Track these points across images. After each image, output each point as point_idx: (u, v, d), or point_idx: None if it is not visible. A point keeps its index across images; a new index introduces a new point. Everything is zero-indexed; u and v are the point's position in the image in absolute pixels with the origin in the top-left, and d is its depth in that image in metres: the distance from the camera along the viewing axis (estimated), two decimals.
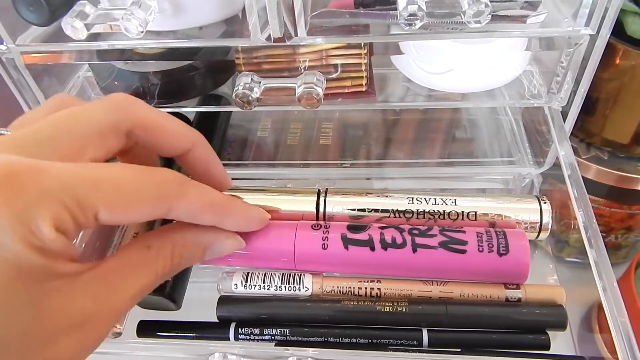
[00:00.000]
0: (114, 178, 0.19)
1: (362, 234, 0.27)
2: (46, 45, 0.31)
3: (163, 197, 0.20)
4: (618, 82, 0.38)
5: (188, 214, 0.21)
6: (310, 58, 0.31)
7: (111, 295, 0.19)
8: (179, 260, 0.22)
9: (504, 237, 0.27)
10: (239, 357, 0.26)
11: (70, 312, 0.18)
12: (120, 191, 0.18)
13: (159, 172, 0.20)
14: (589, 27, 0.28)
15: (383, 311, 0.26)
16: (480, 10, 0.25)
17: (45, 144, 0.19)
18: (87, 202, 0.17)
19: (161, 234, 0.22)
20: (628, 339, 0.25)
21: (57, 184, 0.17)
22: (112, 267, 0.20)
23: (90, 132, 0.20)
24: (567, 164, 0.33)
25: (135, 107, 0.22)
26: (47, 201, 0.17)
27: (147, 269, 0.21)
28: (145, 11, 0.27)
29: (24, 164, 0.17)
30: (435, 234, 0.27)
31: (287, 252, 0.27)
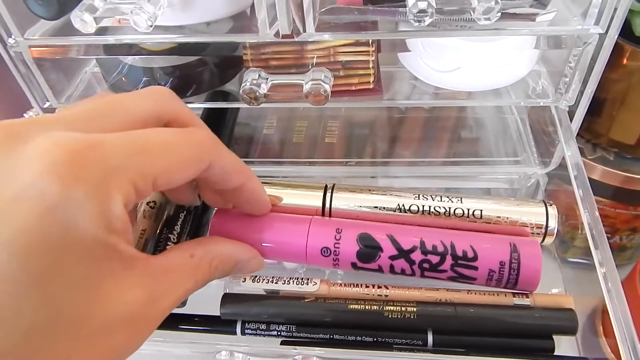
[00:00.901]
0: (163, 142, 0.19)
1: (372, 264, 0.27)
2: (54, 39, 0.31)
3: (205, 154, 0.20)
4: (625, 82, 0.38)
5: (222, 172, 0.22)
6: (318, 55, 0.31)
7: (161, 294, 0.19)
8: (214, 271, 0.23)
9: (516, 275, 0.26)
10: (246, 355, 0.26)
11: (127, 301, 0.17)
12: (173, 154, 0.19)
13: (194, 132, 0.21)
14: (599, 26, 0.28)
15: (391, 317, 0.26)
16: (490, 7, 0.25)
17: (94, 122, 0.19)
18: (148, 171, 0.18)
19: (203, 245, 0.23)
20: (632, 341, 0.25)
21: (120, 157, 0.17)
22: (162, 266, 0.20)
23: (135, 117, 0.20)
24: (573, 164, 0.33)
25: (176, 101, 0.22)
26: (115, 177, 0.17)
27: (190, 276, 0.21)
28: (155, 5, 0.27)
29: (85, 139, 0.17)
30: (446, 269, 0.27)
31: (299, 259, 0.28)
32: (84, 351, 0.16)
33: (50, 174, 0.15)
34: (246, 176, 0.24)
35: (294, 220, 0.28)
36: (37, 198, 0.15)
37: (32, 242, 0.15)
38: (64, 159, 0.16)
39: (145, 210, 0.28)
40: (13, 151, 0.16)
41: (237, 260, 0.24)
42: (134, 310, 0.18)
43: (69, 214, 0.16)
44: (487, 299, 0.27)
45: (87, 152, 0.16)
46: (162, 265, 0.20)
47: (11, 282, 0.15)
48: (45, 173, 0.15)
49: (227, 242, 0.24)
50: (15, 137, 0.17)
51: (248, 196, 0.25)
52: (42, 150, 0.16)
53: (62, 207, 0.15)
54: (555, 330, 0.26)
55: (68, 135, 0.17)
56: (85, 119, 0.19)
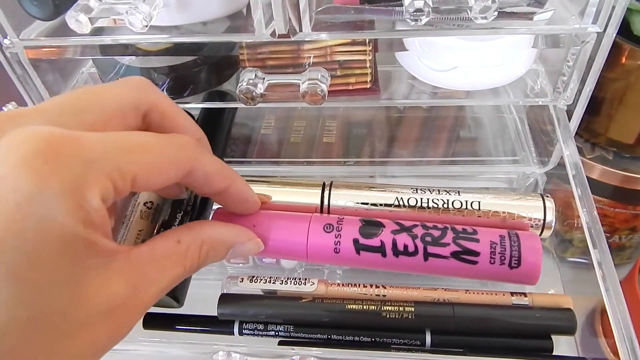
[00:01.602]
0: (143, 143, 0.19)
1: (374, 240, 0.27)
2: (50, 39, 0.31)
3: (186, 158, 0.20)
4: (624, 82, 0.38)
5: (204, 177, 0.22)
6: (314, 54, 0.31)
7: (144, 284, 0.19)
8: (205, 257, 0.22)
9: (517, 249, 0.26)
10: (243, 356, 0.26)
11: (106, 295, 0.17)
12: (152, 155, 0.19)
13: (176, 136, 0.21)
14: (597, 25, 0.28)
15: (389, 317, 0.26)
16: (487, 6, 0.25)
17: (70, 115, 0.19)
18: (127, 169, 0.18)
19: (190, 230, 0.22)
20: (630, 341, 0.25)
21: (99, 152, 0.17)
22: (145, 256, 0.19)
23: (113, 108, 0.20)
24: (571, 163, 0.33)
25: (154, 90, 0.22)
26: (93, 171, 0.16)
27: (177, 263, 0.21)
28: (150, 5, 0.27)
29: (62, 133, 0.17)
30: (449, 242, 0.26)
31: (300, 253, 0.27)
32: (65, 346, 0.16)
33: (24, 166, 0.15)
34: (230, 179, 0.23)
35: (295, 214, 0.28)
36: (12, 191, 0.15)
37: (7, 236, 0.15)
38: (40, 151, 0.16)
39: (142, 211, 0.28)
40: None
41: (231, 243, 0.24)
42: (115, 303, 0.17)
43: (45, 207, 0.15)
44: (486, 298, 0.27)
45: (64, 144, 0.16)
46: (144, 255, 0.19)
47: None
48: (20, 165, 0.15)
49: (219, 225, 0.24)
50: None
51: (234, 198, 0.25)
52: (17, 142, 0.16)
53: (37, 201, 0.15)
54: (554, 330, 0.26)
55: (45, 128, 0.16)
56: (61, 111, 0.19)
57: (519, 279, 0.26)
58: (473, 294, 0.27)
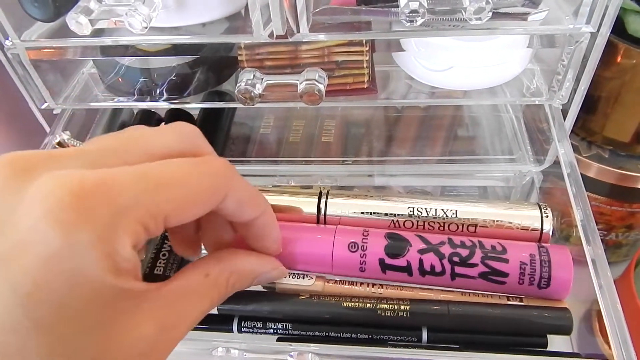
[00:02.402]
0: (176, 177, 0.18)
1: (400, 260, 0.27)
2: (51, 40, 0.32)
3: (220, 188, 0.20)
4: (619, 80, 0.38)
5: (235, 205, 0.21)
6: (312, 55, 0.31)
7: (174, 322, 0.19)
8: (231, 288, 0.22)
9: (547, 269, 0.26)
10: (242, 352, 0.27)
11: (138, 338, 0.17)
12: (185, 190, 0.18)
13: (209, 162, 0.20)
14: (590, 25, 0.29)
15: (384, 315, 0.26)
16: (481, 7, 0.25)
17: (111, 158, 0.18)
18: (158, 210, 0.17)
19: (218, 262, 0.22)
20: (624, 337, 0.25)
21: (128, 196, 0.16)
22: (174, 293, 0.19)
23: (156, 152, 0.19)
24: (566, 162, 0.33)
25: (200, 139, 0.21)
26: (123, 218, 0.16)
27: (205, 297, 0.20)
28: (149, 7, 0.27)
29: (92, 178, 0.16)
30: (477, 262, 0.26)
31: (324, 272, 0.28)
32: None
33: (51, 219, 0.15)
34: (261, 209, 0.22)
35: (318, 228, 0.29)
36: (40, 244, 0.15)
37: (36, 289, 0.15)
38: (67, 202, 0.15)
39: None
40: (20, 187, 0.16)
41: (257, 273, 0.24)
42: (147, 344, 0.17)
43: (73, 260, 0.15)
44: (481, 297, 0.27)
45: (92, 193, 0.16)
46: (174, 292, 0.19)
47: (16, 331, 0.15)
48: (47, 218, 0.15)
49: (246, 255, 0.23)
50: (25, 171, 0.16)
51: (259, 231, 0.23)
52: (46, 192, 0.16)
53: (65, 254, 0.15)
54: (550, 329, 0.26)
55: (75, 175, 0.16)
56: (102, 154, 0.18)
57: (548, 295, 0.27)
58: (469, 296, 0.27)
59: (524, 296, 0.27)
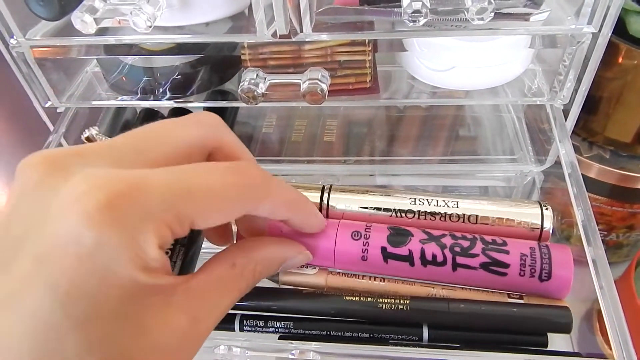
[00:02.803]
0: (206, 183, 0.18)
1: (402, 249, 0.27)
2: (55, 39, 0.32)
3: (252, 198, 0.20)
4: (621, 81, 0.38)
5: (269, 211, 0.21)
6: (315, 54, 0.31)
7: (205, 314, 0.19)
8: (258, 276, 0.22)
9: (548, 262, 0.26)
10: (244, 350, 0.27)
11: (169, 331, 0.17)
12: (213, 197, 0.18)
13: (245, 170, 0.20)
14: (592, 26, 0.29)
15: (385, 309, 0.26)
16: (484, 8, 0.25)
17: (139, 154, 0.19)
18: (185, 213, 0.17)
19: (244, 252, 0.22)
20: (624, 337, 0.25)
21: (158, 201, 0.17)
22: (203, 285, 0.19)
23: (181, 146, 0.20)
24: (567, 162, 0.33)
25: (224, 129, 0.21)
26: (152, 221, 0.17)
27: (233, 287, 0.21)
28: (154, 6, 0.27)
29: (124, 180, 0.17)
30: (478, 253, 0.26)
31: (327, 261, 0.28)
32: None
33: (85, 219, 0.16)
34: (295, 211, 0.23)
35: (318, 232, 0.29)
36: (74, 244, 0.15)
37: (72, 288, 0.15)
38: (100, 203, 0.16)
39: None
40: (53, 186, 0.16)
41: (283, 259, 0.24)
42: (179, 337, 0.18)
43: (106, 260, 0.16)
44: (482, 295, 0.27)
45: (124, 195, 0.16)
46: (202, 284, 0.19)
47: (54, 329, 0.15)
48: (81, 219, 0.16)
49: (271, 242, 0.24)
50: (57, 169, 0.17)
51: (298, 223, 0.24)
52: (79, 192, 0.16)
53: (99, 254, 0.16)
54: (550, 327, 0.26)
55: (107, 176, 0.17)
56: (127, 151, 0.18)
57: (549, 292, 0.27)
58: (470, 291, 0.28)
59: (525, 293, 0.27)
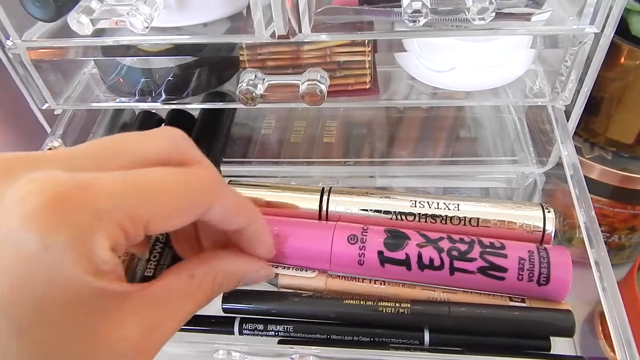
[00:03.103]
0: (159, 185, 0.18)
1: (399, 253, 0.27)
2: (52, 40, 0.32)
3: (205, 199, 0.19)
4: (623, 81, 0.38)
5: (222, 215, 0.21)
6: (314, 55, 0.31)
7: (159, 323, 0.18)
8: (217, 289, 0.22)
9: (546, 266, 0.26)
10: (243, 355, 0.27)
11: (120, 339, 0.17)
12: (168, 199, 0.18)
13: (194, 172, 0.20)
14: (594, 26, 0.28)
15: (385, 312, 0.26)
16: (485, 8, 0.25)
17: (94, 162, 0.18)
18: (139, 216, 0.17)
19: (204, 263, 0.22)
20: (627, 340, 0.25)
21: (109, 201, 0.16)
22: (159, 293, 0.19)
23: (142, 158, 0.19)
24: (569, 163, 0.33)
25: (188, 145, 0.21)
26: (102, 221, 0.16)
27: (189, 299, 0.20)
28: (151, 7, 0.27)
29: (71, 181, 0.16)
30: (476, 257, 0.26)
31: (323, 265, 0.28)
32: None
33: (29, 221, 0.15)
34: (249, 218, 0.22)
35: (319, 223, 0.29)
36: (17, 247, 0.15)
37: (14, 292, 0.15)
38: (45, 205, 0.15)
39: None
40: (2, 189, 0.16)
41: (243, 274, 0.23)
42: (130, 345, 0.17)
43: (50, 262, 0.15)
44: (483, 299, 0.27)
45: (71, 195, 0.16)
46: (159, 292, 0.19)
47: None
48: (24, 220, 0.15)
49: (232, 256, 0.23)
50: (4, 173, 0.16)
51: (250, 238, 0.23)
52: (24, 194, 0.15)
53: (42, 256, 0.15)
54: (553, 331, 0.26)
55: (54, 177, 0.16)
56: (85, 157, 0.18)
57: (547, 295, 0.26)
58: (471, 295, 0.27)
59: (525, 296, 0.27)
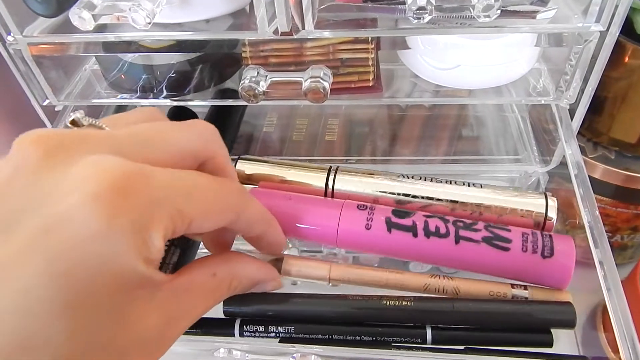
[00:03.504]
0: (204, 187, 0.19)
1: (406, 220, 0.28)
2: (53, 36, 0.31)
3: (236, 206, 0.21)
4: (627, 81, 0.38)
5: (246, 224, 0.22)
6: (317, 52, 0.31)
7: (177, 317, 0.19)
8: (233, 291, 0.22)
9: (549, 240, 0.27)
10: (244, 353, 0.26)
11: (145, 327, 0.17)
12: (211, 200, 0.19)
13: (230, 183, 0.21)
14: (600, 24, 0.28)
15: (389, 306, 0.26)
16: (490, 5, 0.25)
17: (140, 148, 0.18)
18: (186, 211, 0.18)
19: (225, 263, 0.22)
20: (632, 340, 0.25)
21: (164, 192, 0.17)
22: (183, 288, 0.19)
23: (179, 150, 0.20)
24: (573, 163, 0.33)
25: (218, 141, 0.22)
26: (159, 210, 0.17)
27: (209, 296, 0.21)
28: (153, 3, 0.27)
29: (133, 169, 0.17)
30: (480, 228, 0.27)
31: (331, 228, 0.28)
32: None
33: (93, 202, 0.15)
34: (268, 225, 0.24)
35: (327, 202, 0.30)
36: (79, 226, 0.15)
37: (70, 270, 0.15)
38: (109, 188, 0.16)
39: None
40: (59, 166, 0.16)
41: (257, 281, 0.24)
42: (152, 334, 0.18)
43: (109, 245, 0.15)
44: (485, 286, 0.27)
45: (134, 181, 0.16)
46: (183, 286, 0.19)
47: (46, 309, 0.15)
48: (89, 201, 0.15)
49: (251, 262, 0.24)
50: (60, 150, 0.17)
51: (267, 242, 0.25)
52: (88, 175, 0.16)
53: (102, 238, 0.15)
54: (554, 323, 0.26)
55: (116, 162, 0.16)
56: (131, 143, 0.18)
57: (552, 271, 0.26)
58: (474, 282, 0.27)
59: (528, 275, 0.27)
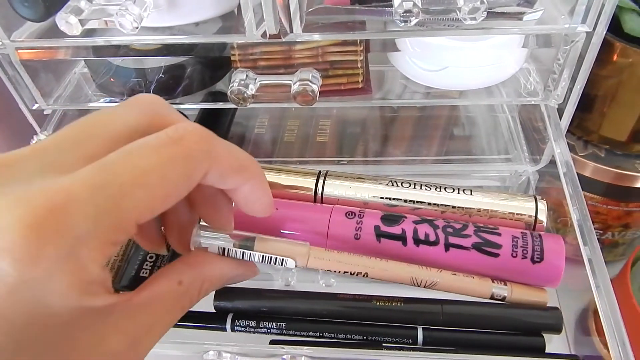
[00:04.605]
0: (140, 172, 0.16)
1: (395, 228, 0.27)
2: (41, 41, 0.31)
3: (196, 170, 0.18)
4: (616, 79, 0.38)
5: (217, 178, 0.19)
6: (306, 55, 0.31)
7: (142, 334, 0.18)
8: (204, 294, 0.21)
9: (539, 242, 0.27)
10: (234, 355, 0.26)
11: (106, 351, 0.16)
12: (152, 184, 0.16)
13: (182, 135, 0.17)
14: (586, 25, 0.28)
15: (379, 307, 0.26)
16: (476, 7, 0.25)
17: (68, 151, 0.17)
18: (124, 216, 0.16)
19: (192, 268, 0.21)
20: (621, 338, 0.25)
21: (88, 221, 0.15)
22: (143, 303, 0.18)
23: (117, 134, 0.18)
24: (562, 161, 0.33)
25: (165, 107, 0.19)
26: (85, 244, 0.15)
27: (176, 305, 0.20)
28: (140, 7, 0.27)
29: (44, 205, 0.15)
30: (470, 234, 0.27)
31: (320, 237, 0.28)
32: None
33: (6, 256, 0.14)
34: (248, 176, 0.20)
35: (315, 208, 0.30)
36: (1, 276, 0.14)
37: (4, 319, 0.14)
38: (21, 237, 0.14)
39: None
40: None
41: (229, 277, 0.23)
42: (117, 357, 0.17)
43: (33, 293, 0.15)
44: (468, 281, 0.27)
45: (47, 223, 0.15)
46: (144, 301, 0.18)
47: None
48: (4, 255, 0.14)
49: (218, 260, 0.22)
50: None
51: (247, 197, 0.21)
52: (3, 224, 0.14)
53: (23, 289, 0.14)
54: (541, 328, 0.26)
55: (26, 201, 0.15)
56: (58, 148, 0.17)
57: (541, 276, 0.26)
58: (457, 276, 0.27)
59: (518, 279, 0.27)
